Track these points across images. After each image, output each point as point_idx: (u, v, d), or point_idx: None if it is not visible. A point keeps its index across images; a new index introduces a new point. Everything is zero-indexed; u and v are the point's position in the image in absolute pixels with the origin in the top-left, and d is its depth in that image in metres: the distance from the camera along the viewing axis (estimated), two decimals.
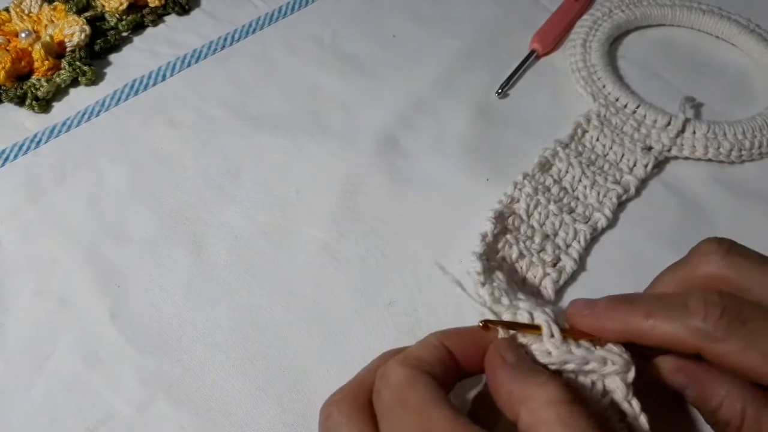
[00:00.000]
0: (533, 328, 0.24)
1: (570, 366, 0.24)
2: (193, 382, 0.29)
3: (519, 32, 0.44)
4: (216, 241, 0.34)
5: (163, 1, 0.46)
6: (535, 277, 0.31)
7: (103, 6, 0.45)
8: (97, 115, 0.41)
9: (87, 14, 0.45)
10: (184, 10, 0.47)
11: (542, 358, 0.24)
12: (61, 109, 0.41)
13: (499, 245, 0.32)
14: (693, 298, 0.23)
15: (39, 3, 0.45)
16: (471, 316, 0.26)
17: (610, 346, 0.24)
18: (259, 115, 0.40)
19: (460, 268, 0.32)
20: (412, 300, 0.31)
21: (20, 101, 0.41)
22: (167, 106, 0.41)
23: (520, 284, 0.31)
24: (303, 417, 0.28)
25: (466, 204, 0.35)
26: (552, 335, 0.24)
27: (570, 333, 0.24)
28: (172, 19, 0.46)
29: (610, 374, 0.24)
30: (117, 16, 0.45)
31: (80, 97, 0.42)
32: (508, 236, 0.32)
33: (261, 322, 0.31)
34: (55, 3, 0.45)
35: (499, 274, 0.29)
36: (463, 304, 0.31)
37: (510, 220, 0.33)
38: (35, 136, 0.39)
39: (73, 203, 0.36)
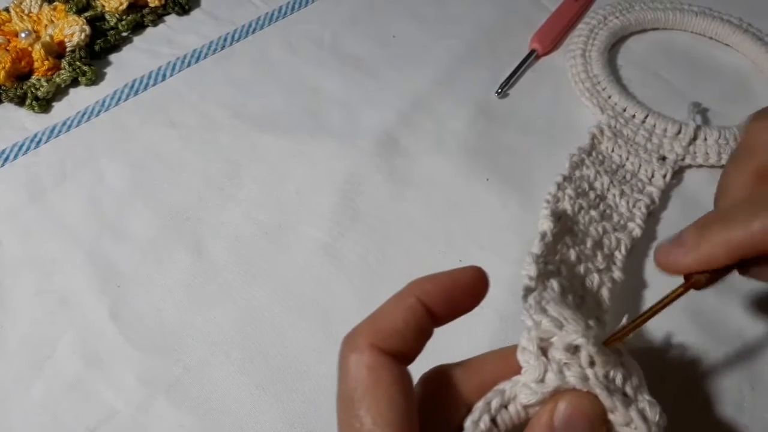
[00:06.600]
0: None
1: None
2: (193, 382, 0.29)
3: (519, 32, 0.44)
4: (216, 241, 0.34)
5: (163, 1, 0.46)
6: (593, 284, 0.29)
7: (103, 6, 0.45)
8: (97, 115, 0.41)
9: (87, 14, 0.45)
10: (184, 10, 0.47)
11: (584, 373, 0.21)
12: (61, 109, 0.41)
13: (558, 246, 0.30)
14: None
15: (39, 3, 0.45)
16: (469, 315, 0.26)
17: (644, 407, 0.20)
18: (259, 115, 0.40)
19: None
20: None
21: (20, 101, 0.41)
22: (167, 106, 0.41)
23: (579, 290, 0.28)
24: (303, 416, 0.28)
25: (466, 204, 0.35)
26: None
27: (617, 337, 0.21)
28: (172, 19, 0.46)
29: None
30: (117, 16, 0.45)
31: (80, 97, 0.42)
32: (567, 238, 0.30)
33: (261, 322, 0.31)
34: (55, 3, 0.45)
35: (554, 283, 0.26)
36: None
37: (563, 220, 0.31)
38: (35, 136, 0.39)
39: (73, 203, 0.36)
